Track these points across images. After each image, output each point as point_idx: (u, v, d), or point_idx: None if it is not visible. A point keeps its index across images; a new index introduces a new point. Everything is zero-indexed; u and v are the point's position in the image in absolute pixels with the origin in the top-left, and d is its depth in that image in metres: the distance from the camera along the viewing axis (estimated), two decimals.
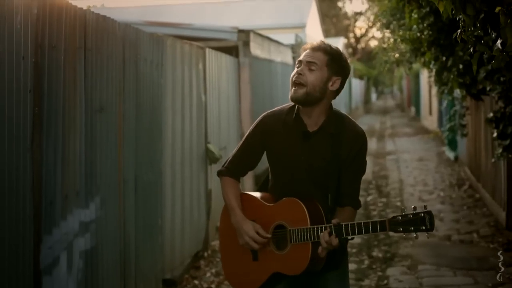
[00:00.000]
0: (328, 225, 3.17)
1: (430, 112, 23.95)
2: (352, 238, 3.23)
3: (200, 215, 7.57)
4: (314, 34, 21.53)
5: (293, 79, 3.28)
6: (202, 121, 7.65)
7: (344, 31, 50.89)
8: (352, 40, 51.74)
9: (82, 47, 4.27)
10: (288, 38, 15.36)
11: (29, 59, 3.65)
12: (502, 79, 5.91)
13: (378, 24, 12.10)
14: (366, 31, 52.22)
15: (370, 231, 3.12)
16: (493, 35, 3.18)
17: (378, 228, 3.11)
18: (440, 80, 8.35)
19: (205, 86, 7.76)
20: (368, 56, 46.38)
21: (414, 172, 14.27)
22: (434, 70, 8.27)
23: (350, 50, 50.78)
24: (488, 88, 6.32)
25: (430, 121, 24.09)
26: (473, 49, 2.86)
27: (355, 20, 53.31)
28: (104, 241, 4.70)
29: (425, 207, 3.12)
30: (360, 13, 52.66)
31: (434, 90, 17.74)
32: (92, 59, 4.43)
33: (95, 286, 4.55)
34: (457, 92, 10.91)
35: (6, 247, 3.51)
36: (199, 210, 7.54)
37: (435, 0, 2.96)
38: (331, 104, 3.37)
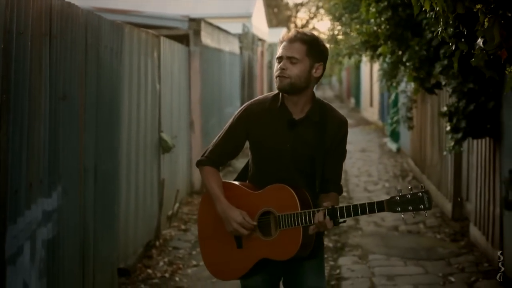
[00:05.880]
0: (321, 208, 3.20)
1: (371, 104, 24.28)
2: (344, 221, 3.28)
3: (152, 204, 7.54)
4: (260, 24, 21.56)
5: (277, 74, 3.31)
6: (156, 110, 7.61)
7: (285, 22, 51.06)
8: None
9: (47, 33, 4.19)
10: (234, 27, 15.32)
11: None
12: (456, 73, 6.05)
13: (328, 17, 12.23)
14: (307, 22, 52.52)
15: (367, 213, 3.17)
16: (465, 32, 3.24)
17: (376, 210, 3.16)
18: (390, 74, 8.49)
19: (159, 75, 7.72)
20: None
21: (357, 163, 14.47)
22: (384, 63, 8.41)
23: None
24: (443, 83, 6.46)
25: (371, 112, 24.43)
26: (454, 46, 2.92)
27: (297, 11, 53.56)
28: (65, 231, 4.64)
29: (422, 187, 3.18)
30: (301, 4, 52.94)
31: (376, 82, 17.95)
32: (57, 46, 4.35)
33: (56, 276, 4.49)
34: (405, 86, 11.11)
35: None
36: (151, 199, 7.51)
37: None
38: (313, 92, 3.42)
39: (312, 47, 3.33)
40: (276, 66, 3.35)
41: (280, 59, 3.33)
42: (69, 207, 4.69)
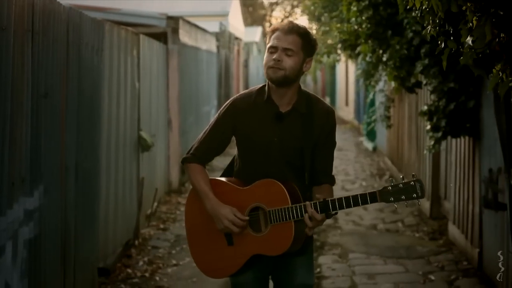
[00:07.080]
0: (313, 202, 3.18)
1: (347, 103, 24.35)
2: (336, 213, 3.25)
3: (131, 203, 7.49)
4: (236, 23, 21.53)
5: (270, 64, 3.25)
6: (135, 108, 7.56)
7: (260, 21, 51.05)
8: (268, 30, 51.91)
9: (30, 29, 4.13)
10: (211, 26, 15.29)
11: None
12: (437, 73, 6.08)
13: (305, 16, 12.28)
14: (282, 21, 52.54)
15: (360, 204, 3.13)
16: (451, 31, 3.25)
17: (369, 200, 3.12)
18: (369, 73, 8.51)
19: (138, 73, 7.67)
20: None
21: (334, 161, 14.35)
22: (364, 62, 8.43)
23: (266, 39, 50.94)
24: (424, 82, 6.49)
25: (347, 111, 24.51)
26: (443, 45, 2.93)
27: (272, 10, 53.57)
28: (47, 230, 4.58)
29: (413, 175, 3.17)
30: (276, 3, 52.94)
31: (351, 81, 17.98)
32: (39, 42, 4.29)
33: (38, 276, 4.44)
34: (383, 85, 11.16)
35: None
36: (130, 198, 7.45)
37: None
38: (299, 85, 3.39)
39: (306, 42, 3.29)
40: (267, 56, 3.28)
41: (274, 49, 3.25)
42: (50, 206, 4.63)
